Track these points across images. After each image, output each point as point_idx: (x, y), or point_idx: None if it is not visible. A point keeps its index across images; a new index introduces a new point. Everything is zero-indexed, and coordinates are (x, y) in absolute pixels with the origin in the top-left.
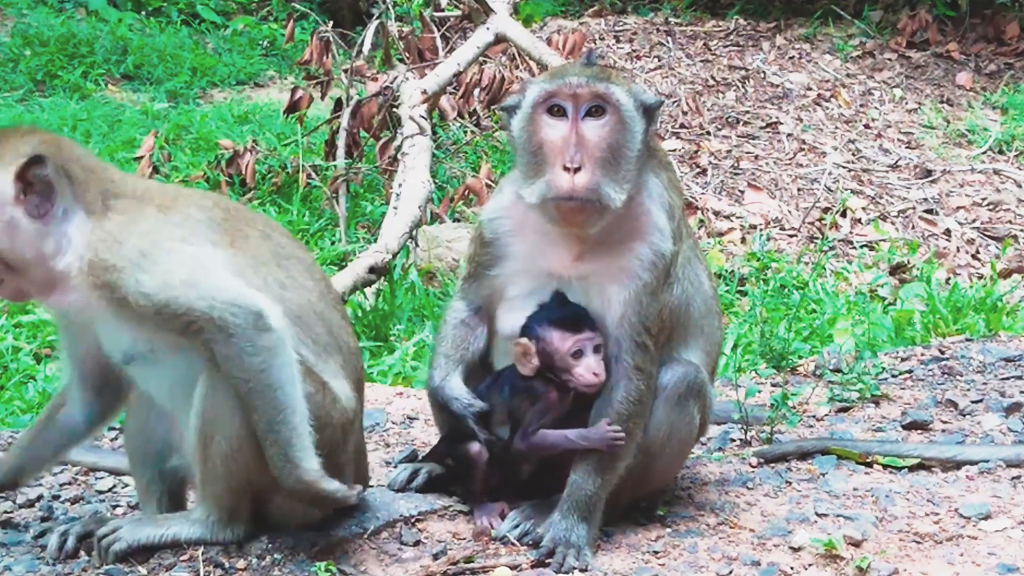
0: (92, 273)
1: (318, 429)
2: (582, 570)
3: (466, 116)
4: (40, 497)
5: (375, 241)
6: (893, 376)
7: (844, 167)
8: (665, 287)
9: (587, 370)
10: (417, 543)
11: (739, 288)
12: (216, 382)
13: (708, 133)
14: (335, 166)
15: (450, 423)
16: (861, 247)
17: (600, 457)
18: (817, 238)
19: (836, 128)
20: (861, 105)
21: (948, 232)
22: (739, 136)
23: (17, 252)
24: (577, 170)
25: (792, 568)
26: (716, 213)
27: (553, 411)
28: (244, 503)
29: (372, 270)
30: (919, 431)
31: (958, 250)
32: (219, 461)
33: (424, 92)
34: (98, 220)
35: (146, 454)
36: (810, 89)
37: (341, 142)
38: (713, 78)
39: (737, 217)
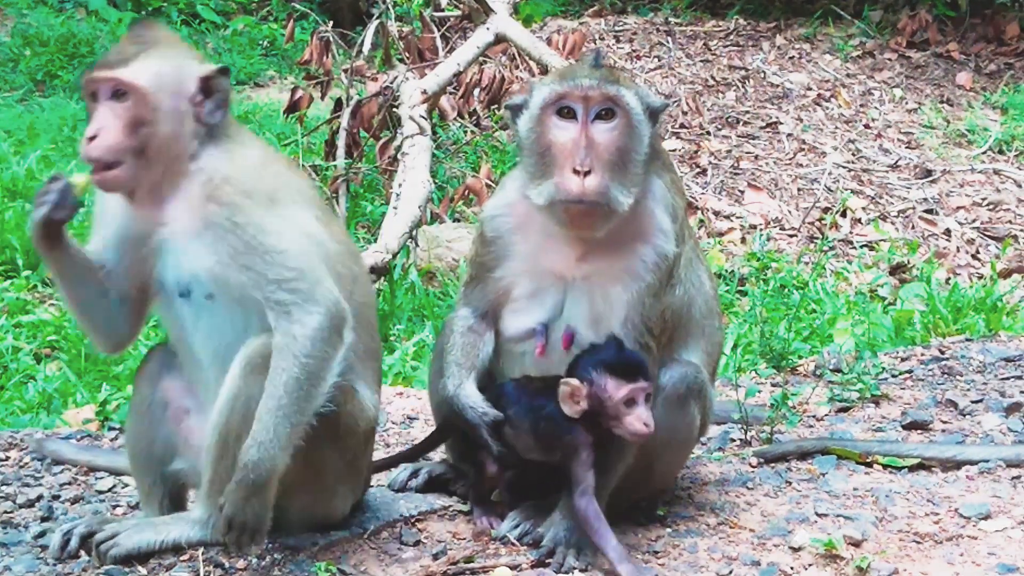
0: (223, 187)
1: (343, 436)
2: (582, 570)
3: (466, 116)
4: (40, 497)
5: (375, 241)
6: (893, 376)
7: (844, 167)
8: (667, 289)
9: (638, 420)
10: (417, 543)
11: (739, 288)
12: (257, 376)
13: (708, 133)
14: (335, 166)
15: (464, 431)
16: (861, 247)
17: (602, 458)
18: (817, 238)
19: (836, 128)
20: (861, 105)
21: (948, 232)
22: (739, 136)
23: (169, 143)
24: (587, 173)
25: (792, 568)
26: (716, 213)
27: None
28: None
29: (372, 270)
30: (919, 431)
31: (958, 250)
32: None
33: (424, 92)
34: (238, 146)
35: (148, 458)
36: (810, 89)
37: (341, 142)
38: (713, 78)
39: (737, 217)
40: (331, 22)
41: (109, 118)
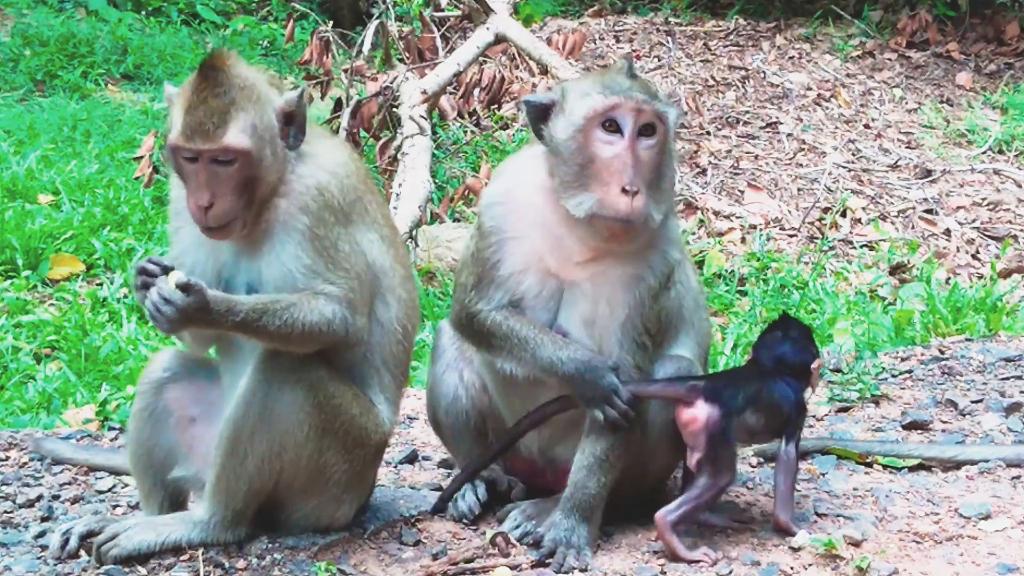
0: (315, 200)
1: (354, 447)
2: (582, 570)
3: (466, 116)
4: (40, 497)
5: None
6: (893, 376)
7: (844, 167)
8: (664, 292)
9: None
10: (417, 543)
11: (739, 288)
12: (275, 375)
13: (708, 133)
14: None
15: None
16: (861, 247)
17: (603, 457)
18: (817, 238)
19: (836, 128)
20: (861, 105)
21: (948, 232)
22: (739, 136)
23: (271, 184)
24: (635, 193)
25: (792, 568)
26: (716, 213)
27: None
28: (254, 506)
29: None
30: (919, 431)
31: (958, 250)
32: (252, 460)
33: (424, 92)
34: (322, 156)
35: (149, 464)
36: (810, 89)
37: None
38: (713, 78)
39: (737, 217)
40: (331, 22)
41: (220, 185)
